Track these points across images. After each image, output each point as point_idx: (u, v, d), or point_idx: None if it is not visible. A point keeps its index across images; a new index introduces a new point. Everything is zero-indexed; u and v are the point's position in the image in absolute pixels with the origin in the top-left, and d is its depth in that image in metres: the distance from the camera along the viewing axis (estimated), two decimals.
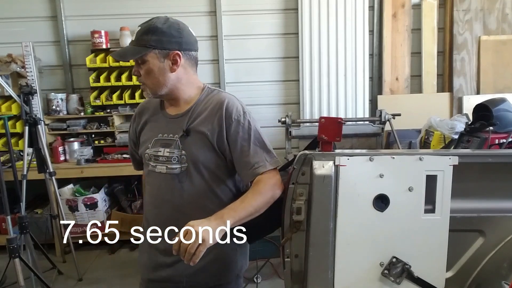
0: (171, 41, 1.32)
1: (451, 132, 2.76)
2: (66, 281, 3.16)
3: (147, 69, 1.32)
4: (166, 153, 1.37)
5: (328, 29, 3.82)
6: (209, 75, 3.99)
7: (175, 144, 1.36)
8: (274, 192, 1.29)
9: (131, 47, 1.33)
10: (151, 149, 1.40)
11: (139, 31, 1.33)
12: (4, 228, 3.38)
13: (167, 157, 1.36)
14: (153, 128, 1.44)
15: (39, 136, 3.09)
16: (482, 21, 3.90)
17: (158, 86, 1.35)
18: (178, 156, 1.35)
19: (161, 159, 1.38)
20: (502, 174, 1.24)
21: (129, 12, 3.82)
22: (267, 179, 1.29)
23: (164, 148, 1.37)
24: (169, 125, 1.40)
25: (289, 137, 3.44)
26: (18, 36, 3.74)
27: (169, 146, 1.37)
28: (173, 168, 1.36)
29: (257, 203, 1.25)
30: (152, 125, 1.46)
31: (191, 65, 1.40)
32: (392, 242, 1.18)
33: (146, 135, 1.46)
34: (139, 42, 1.32)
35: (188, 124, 1.36)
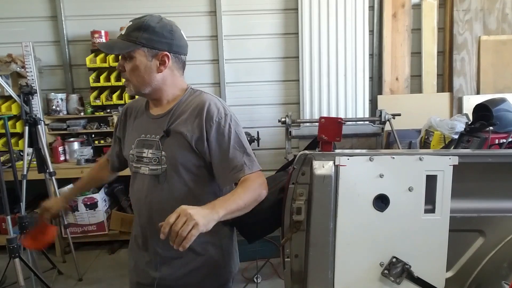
0: (162, 41, 1.31)
1: (451, 132, 2.76)
2: (66, 281, 3.16)
3: (133, 65, 1.30)
4: (149, 154, 1.35)
5: (328, 29, 3.82)
6: (209, 75, 3.99)
7: (156, 144, 1.34)
8: (261, 191, 1.26)
9: (120, 41, 1.30)
10: (135, 149, 1.40)
11: (130, 26, 1.30)
12: (4, 228, 3.38)
13: (149, 158, 1.35)
14: (137, 129, 1.43)
15: (39, 136, 3.09)
16: (482, 21, 3.90)
17: (142, 84, 1.32)
18: (159, 157, 1.33)
19: (145, 160, 1.36)
20: (502, 174, 1.24)
21: (129, 12, 3.82)
22: (255, 178, 1.27)
23: (147, 149, 1.36)
24: (151, 126, 1.38)
25: (289, 137, 3.45)
26: (18, 36, 3.75)
27: (152, 147, 1.35)
28: (154, 169, 1.34)
29: (247, 198, 1.22)
30: (136, 125, 1.45)
31: (178, 67, 1.37)
32: (392, 242, 1.18)
33: (130, 135, 1.45)
34: (128, 37, 1.29)
35: (169, 125, 1.34)
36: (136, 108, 1.48)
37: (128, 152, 1.43)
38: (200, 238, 1.33)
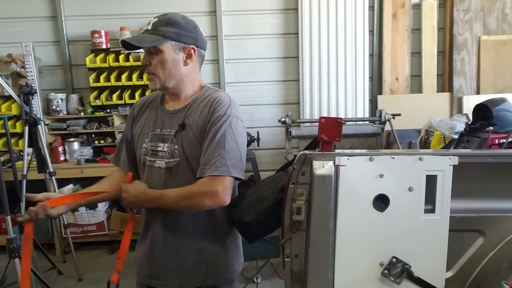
0: (188, 35, 1.38)
1: (451, 132, 2.77)
2: (66, 281, 3.16)
3: (160, 59, 1.34)
4: (165, 148, 1.39)
5: (328, 29, 3.83)
6: (209, 75, 4.00)
7: (171, 138, 1.38)
8: (202, 200, 1.29)
9: (148, 35, 1.33)
10: (149, 143, 1.42)
11: (156, 22, 1.35)
12: (4, 228, 3.38)
13: (165, 152, 1.39)
14: (151, 123, 1.45)
15: (39, 136, 3.09)
16: (482, 21, 3.91)
17: (169, 77, 1.37)
18: (172, 150, 1.37)
19: (160, 154, 1.39)
20: (502, 174, 1.24)
21: (129, 12, 3.83)
22: (202, 186, 1.29)
23: (163, 144, 1.39)
24: (167, 120, 1.42)
25: (289, 137, 3.45)
26: (18, 36, 3.75)
27: (167, 141, 1.39)
28: (169, 162, 1.38)
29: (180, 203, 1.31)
30: (150, 119, 1.46)
31: (199, 62, 1.45)
32: (392, 242, 1.18)
33: (143, 129, 1.46)
34: (156, 32, 1.33)
35: (184, 119, 1.38)
36: (148, 103, 1.51)
37: (140, 146, 1.45)
38: (201, 234, 1.39)
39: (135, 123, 1.52)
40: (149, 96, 1.55)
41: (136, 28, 3.78)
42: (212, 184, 1.28)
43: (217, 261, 1.43)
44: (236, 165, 1.32)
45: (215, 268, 1.43)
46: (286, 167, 1.49)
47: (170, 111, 1.43)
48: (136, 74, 3.67)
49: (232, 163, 1.31)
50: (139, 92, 3.67)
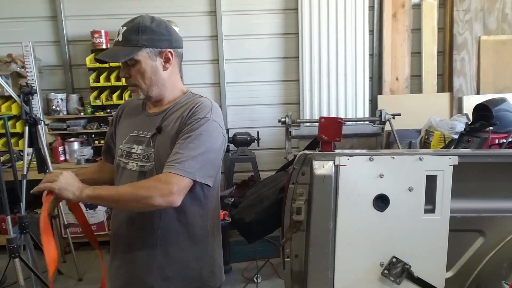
0: (162, 39, 1.33)
1: (451, 132, 2.77)
2: (66, 281, 3.16)
3: (139, 69, 1.30)
4: (139, 150, 1.35)
5: (328, 29, 3.82)
6: (209, 75, 3.99)
7: (147, 141, 1.35)
8: (153, 195, 1.19)
9: (120, 48, 1.29)
10: (125, 144, 1.41)
11: (126, 31, 1.29)
12: (4, 228, 3.38)
13: (139, 154, 1.35)
14: (131, 124, 1.44)
15: (39, 136, 3.09)
16: (482, 21, 3.91)
17: (151, 85, 1.33)
18: (148, 154, 1.33)
19: (133, 156, 1.37)
20: (502, 174, 1.24)
21: (129, 12, 3.81)
22: (157, 182, 1.22)
23: (137, 146, 1.36)
24: (145, 122, 1.40)
25: (289, 137, 3.45)
26: (18, 36, 3.75)
27: (142, 143, 1.36)
28: (142, 166, 1.34)
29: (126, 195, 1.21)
30: (130, 121, 1.46)
31: (178, 63, 1.42)
32: (392, 242, 1.18)
33: (123, 130, 1.46)
34: (128, 42, 1.28)
35: (161, 122, 1.35)
36: (133, 105, 1.50)
37: (117, 147, 1.44)
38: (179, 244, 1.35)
39: (118, 124, 1.51)
40: (131, 99, 1.57)
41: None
42: (167, 182, 1.20)
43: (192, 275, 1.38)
44: (204, 170, 1.25)
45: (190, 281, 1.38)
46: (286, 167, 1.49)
47: (150, 113, 1.41)
48: None
49: (199, 167, 1.24)
50: None
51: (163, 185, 1.20)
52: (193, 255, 1.38)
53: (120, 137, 1.45)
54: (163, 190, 1.20)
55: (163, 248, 1.35)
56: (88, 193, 1.21)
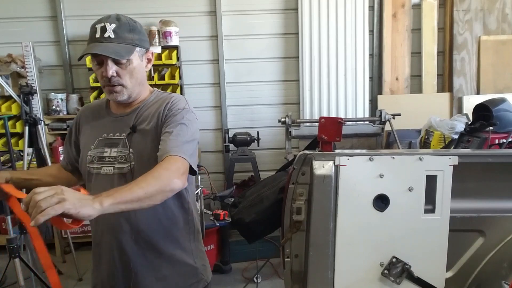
0: (145, 40, 1.35)
1: (451, 132, 2.77)
2: (66, 281, 3.17)
3: (130, 68, 1.28)
4: (113, 153, 1.31)
5: (328, 29, 3.83)
6: (209, 75, 3.99)
7: (122, 142, 1.31)
8: (172, 179, 1.13)
9: (118, 45, 1.25)
10: (94, 150, 1.34)
11: (117, 28, 1.26)
12: (4, 228, 3.38)
13: (114, 157, 1.31)
14: (96, 129, 1.38)
15: (39, 136, 3.09)
16: (482, 21, 3.91)
17: (135, 85, 1.32)
18: (126, 155, 1.29)
19: (107, 159, 1.32)
20: (502, 174, 1.24)
21: (129, 12, 3.78)
22: (173, 162, 1.17)
23: (110, 148, 1.32)
24: (115, 124, 1.36)
25: (289, 137, 3.45)
26: (18, 36, 3.75)
27: (116, 145, 1.32)
28: (121, 168, 1.29)
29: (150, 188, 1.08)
30: (94, 126, 1.39)
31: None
32: (392, 242, 1.18)
33: (89, 136, 1.39)
34: (123, 40, 1.26)
35: (135, 121, 1.33)
36: (91, 111, 1.45)
37: (85, 154, 1.36)
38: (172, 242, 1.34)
39: (80, 133, 1.43)
40: (90, 104, 1.50)
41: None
42: (175, 165, 1.17)
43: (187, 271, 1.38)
44: (193, 157, 1.25)
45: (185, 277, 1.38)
46: (286, 167, 1.50)
47: (117, 114, 1.37)
48: None
49: (190, 154, 1.23)
50: None
51: (174, 168, 1.16)
52: (186, 250, 1.38)
53: (86, 144, 1.38)
54: (176, 172, 1.15)
55: (156, 249, 1.33)
56: (110, 201, 1.00)
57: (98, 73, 1.29)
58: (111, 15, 1.33)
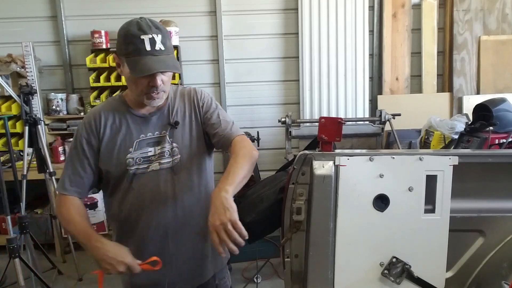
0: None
1: (451, 132, 2.76)
2: (66, 281, 3.17)
3: (169, 75, 1.35)
4: (157, 151, 1.38)
5: (328, 29, 3.82)
6: (209, 75, 3.99)
7: (165, 139, 1.38)
8: (252, 152, 1.35)
9: (170, 57, 1.30)
10: (136, 152, 1.36)
11: (163, 39, 1.28)
12: (4, 228, 3.38)
13: (159, 154, 1.38)
14: (130, 132, 1.37)
15: (39, 136, 3.09)
16: (482, 21, 3.91)
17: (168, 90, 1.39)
18: (170, 150, 1.38)
19: (152, 158, 1.37)
20: (502, 174, 1.24)
21: (129, 12, 3.82)
22: (243, 140, 1.38)
23: (154, 147, 1.38)
24: (149, 124, 1.39)
25: (289, 137, 3.45)
26: (18, 36, 3.75)
27: (159, 143, 1.38)
28: (167, 163, 1.38)
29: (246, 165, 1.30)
30: (125, 129, 1.37)
31: None
32: (392, 242, 1.18)
33: (121, 141, 1.36)
34: (170, 50, 1.31)
35: (173, 117, 1.40)
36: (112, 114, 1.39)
37: (122, 158, 1.36)
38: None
39: (102, 138, 1.37)
40: (103, 106, 1.42)
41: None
42: (244, 138, 1.40)
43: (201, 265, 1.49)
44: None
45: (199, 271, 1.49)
46: (286, 167, 1.50)
47: (147, 114, 1.40)
48: None
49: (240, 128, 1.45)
50: None
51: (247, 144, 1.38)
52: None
53: (121, 148, 1.36)
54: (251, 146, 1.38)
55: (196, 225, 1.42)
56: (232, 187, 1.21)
57: (141, 82, 1.29)
58: (147, 23, 1.28)
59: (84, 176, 1.39)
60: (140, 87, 1.31)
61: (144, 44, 1.25)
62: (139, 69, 1.26)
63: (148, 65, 1.25)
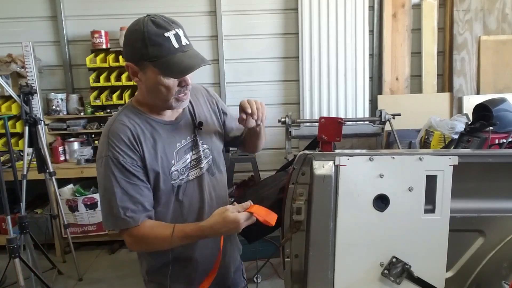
0: None
1: (451, 132, 2.76)
2: (66, 281, 3.17)
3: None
4: (193, 156, 1.34)
5: (328, 29, 3.82)
6: (209, 75, 3.99)
7: (197, 142, 1.36)
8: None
9: (196, 50, 1.21)
10: (178, 163, 1.29)
11: (184, 33, 1.19)
12: (4, 228, 3.39)
13: (195, 159, 1.35)
14: (166, 143, 1.27)
15: (39, 136, 3.09)
16: (482, 21, 3.91)
17: None
18: (203, 151, 1.37)
19: (190, 164, 1.33)
20: (502, 174, 1.24)
21: (129, 12, 3.82)
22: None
23: (189, 154, 1.33)
24: (179, 130, 1.32)
25: (289, 137, 3.45)
26: (18, 36, 3.75)
27: (192, 148, 1.34)
28: (204, 167, 1.37)
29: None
30: (161, 141, 1.26)
31: None
32: (392, 242, 1.18)
33: (161, 155, 1.25)
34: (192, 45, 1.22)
35: (196, 119, 1.38)
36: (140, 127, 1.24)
37: (165, 173, 1.26)
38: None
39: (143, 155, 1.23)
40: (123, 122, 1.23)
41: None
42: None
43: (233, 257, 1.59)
44: None
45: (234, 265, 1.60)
46: (286, 167, 1.50)
47: (174, 120, 1.32)
48: None
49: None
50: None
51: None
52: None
53: (164, 162, 1.26)
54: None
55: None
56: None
57: (172, 84, 1.18)
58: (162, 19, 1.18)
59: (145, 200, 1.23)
60: (171, 90, 1.19)
61: (171, 41, 1.14)
62: (177, 69, 1.15)
63: (185, 63, 1.15)
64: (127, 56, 1.20)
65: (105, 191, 1.20)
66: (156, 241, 1.21)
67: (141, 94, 1.28)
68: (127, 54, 1.20)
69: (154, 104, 1.27)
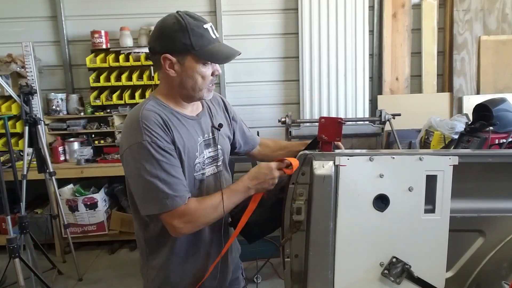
0: None
1: (451, 132, 2.76)
2: (66, 281, 3.17)
3: None
4: (209, 154, 1.38)
5: (328, 29, 3.82)
6: None
7: (213, 141, 1.40)
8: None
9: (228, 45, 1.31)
10: (200, 156, 1.33)
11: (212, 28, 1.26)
12: (4, 228, 3.38)
13: (211, 157, 1.39)
14: (190, 136, 1.30)
15: (39, 136, 3.09)
16: (482, 21, 3.91)
17: None
18: (217, 151, 1.41)
19: (207, 161, 1.37)
20: (502, 174, 1.24)
21: (129, 12, 3.83)
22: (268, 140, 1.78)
23: (207, 149, 1.37)
24: (200, 126, 1.37)
25: (289, 137, 3.44)
26: (18, 36, 3.75)
27: (209, 145, 1.39)
28: (220, 165, 1.43)
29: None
30: (185, 132, 1.29)
31: None
32: (392, 242, 1.18)
33: (187, 146, 1.28)
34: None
35: (215, 120, 1.43)
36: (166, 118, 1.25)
37: (190, 164, 1.29)
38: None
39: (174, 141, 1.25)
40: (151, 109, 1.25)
41: (136, 28, 3.77)
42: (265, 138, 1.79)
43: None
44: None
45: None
46: None
47: (195, 116, 1.37)
48: (136, 74, 3.66)
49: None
50: (139, 92, 3.67)
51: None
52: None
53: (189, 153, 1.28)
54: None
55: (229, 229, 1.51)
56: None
57: (207, 73, 1.26)
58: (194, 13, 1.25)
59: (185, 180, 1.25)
60: (207, 79, 1.27)
61: (209, 32, 1.24)
62: (221, 56, 1.25)
63: (226, 51, 1.26)
64: (165, 48, 1.22)
65: (146, 175, 1.18)
66: (209, 211, 1.24)
67: (168, 87, 1.31)
68: (165, 46, 1.22)
69: (184, 96, 1.31)
